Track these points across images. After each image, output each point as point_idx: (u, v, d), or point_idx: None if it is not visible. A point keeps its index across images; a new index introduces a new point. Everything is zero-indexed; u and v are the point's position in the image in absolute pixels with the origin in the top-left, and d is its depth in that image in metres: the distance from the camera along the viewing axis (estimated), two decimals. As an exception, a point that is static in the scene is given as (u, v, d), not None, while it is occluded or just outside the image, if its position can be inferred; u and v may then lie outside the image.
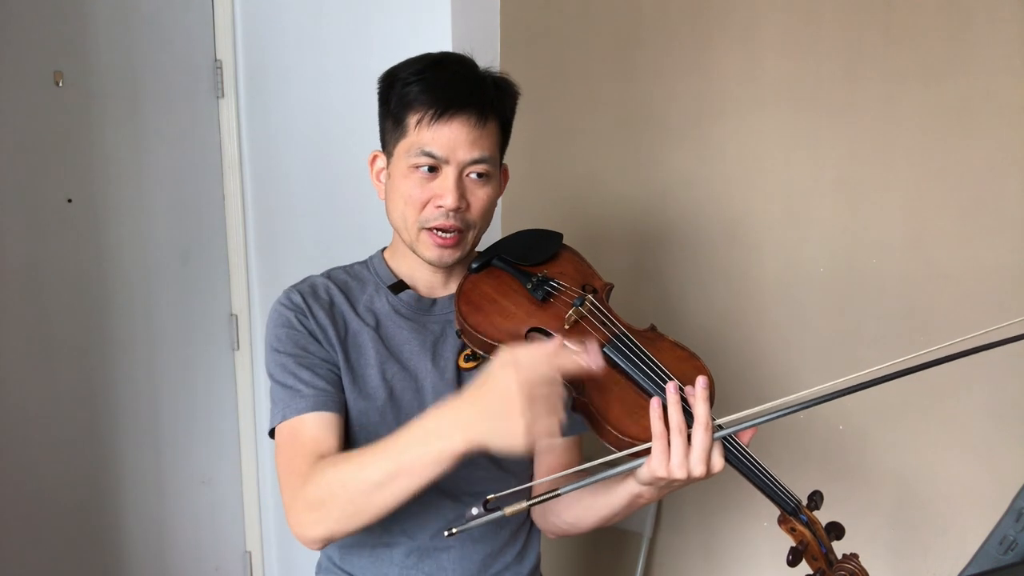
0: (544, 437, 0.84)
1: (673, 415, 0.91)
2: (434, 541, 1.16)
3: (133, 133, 1.93)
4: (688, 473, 0.90)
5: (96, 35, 1.84)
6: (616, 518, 1.09)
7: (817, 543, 0.95)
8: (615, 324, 1.05)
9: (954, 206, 1.36)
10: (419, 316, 1.18)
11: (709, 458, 0.91)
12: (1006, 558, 0.80)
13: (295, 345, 1.11)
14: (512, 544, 1.23)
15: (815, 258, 1.51)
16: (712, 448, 0.92)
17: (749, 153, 1.56)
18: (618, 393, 0.97)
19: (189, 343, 2.07)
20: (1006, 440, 1.35)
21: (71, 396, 1.83)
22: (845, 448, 1.50)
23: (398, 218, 1.13)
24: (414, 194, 1.09)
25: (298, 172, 2.06)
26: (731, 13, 1.55)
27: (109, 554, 1.93)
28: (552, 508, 1.16)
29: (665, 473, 0.91)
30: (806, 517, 0.96)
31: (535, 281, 1.12)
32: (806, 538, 0.95)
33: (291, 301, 1.14)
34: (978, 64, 1.32)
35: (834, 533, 0.98)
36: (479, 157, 1.09)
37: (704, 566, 1.71)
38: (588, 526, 1.13)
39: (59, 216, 1.78)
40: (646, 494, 0.99)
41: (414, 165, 1.09)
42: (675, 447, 0.90)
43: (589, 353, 0.94)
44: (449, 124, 1.07)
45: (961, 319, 1.37)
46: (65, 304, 1.80)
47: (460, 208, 1.09)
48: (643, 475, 0.94)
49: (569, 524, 1.16)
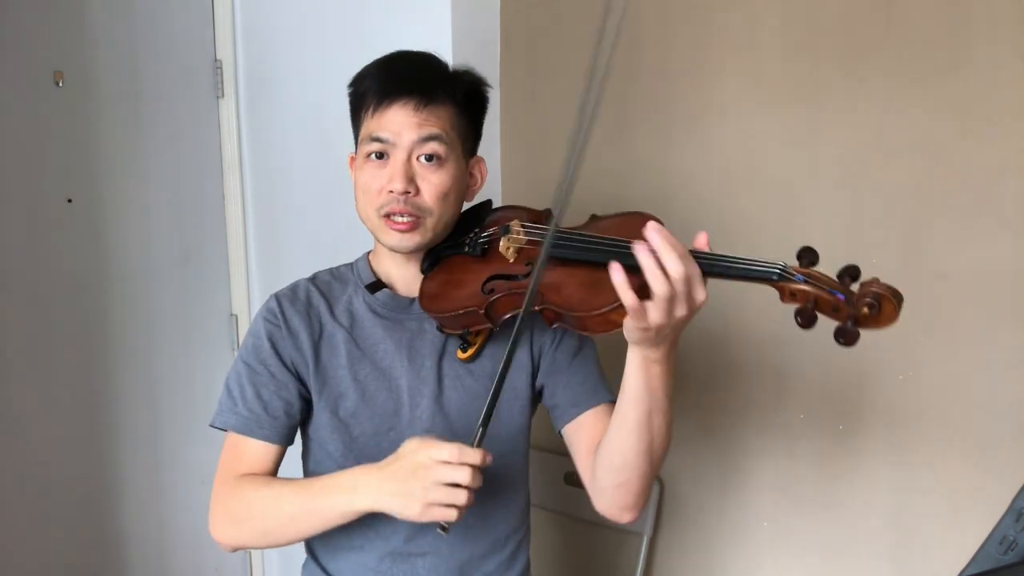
0: (438, 519, 0.95)
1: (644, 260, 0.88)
2: (408, 545, 1.16)
3: (133, 133, 1.93)
4: (668, 307, 0.87)
5: (96, 35, 1.84)
6: (654, 419, 1.00)
7: (828, 293, 0.86)
8: (548, 231, 1.06)
9: (954, 206, 1.36)
10: (395, 315, 1.19)
11: (688, 288, 0.87)
12: (1006, 558, 0.80)
13: (256, 358, 1.16)
14: (495, 553, 1.21)
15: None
16: (686, 276, 0.87)
17: (749, 153, 1.56)
18: (576, 282, 1.00)
19: (189, 343, 2.07)
20: (1006, 440, 1.35)
21: (71, 396, 1.83)
22: (845, 448, 1.50)
23: (361, 209, 1.16)
24: (370, 183, 1.12)
25: (298, 172, 2.06)
26: (731, 13, 1.55)
27: (109, 554, 1.93)
28: (600, 462, 1.08)
29: (644, 322, 0.88)
30: (802, 276, 0.88)
31: (468, 243, 1.16)
32: (811, 295, 0.87)
33: (268, 310, 1.18)
34: (978, 64, 1.32)
35: (848, 276, 0.87)
36: (428, 135, 1.10)
37: (704, 566, 1.71)
38: (635, 454, 1.02)
39: (59, 216, 1.78)
40: (650, 354, 0.94)
41: (366, 153, 1.12)
42: (657, 291, 0.87)
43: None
44: (392, 107, 1.10)
45: (961, 319, 1.37)
46: (65, 304, 1.81)
47: (408, 192, 1.10)
48: (628, 327, 0.91)
49: (619, 467, 1.05)
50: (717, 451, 1.66)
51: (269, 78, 2.07)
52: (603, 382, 1.20)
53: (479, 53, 1.83)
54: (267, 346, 1.15)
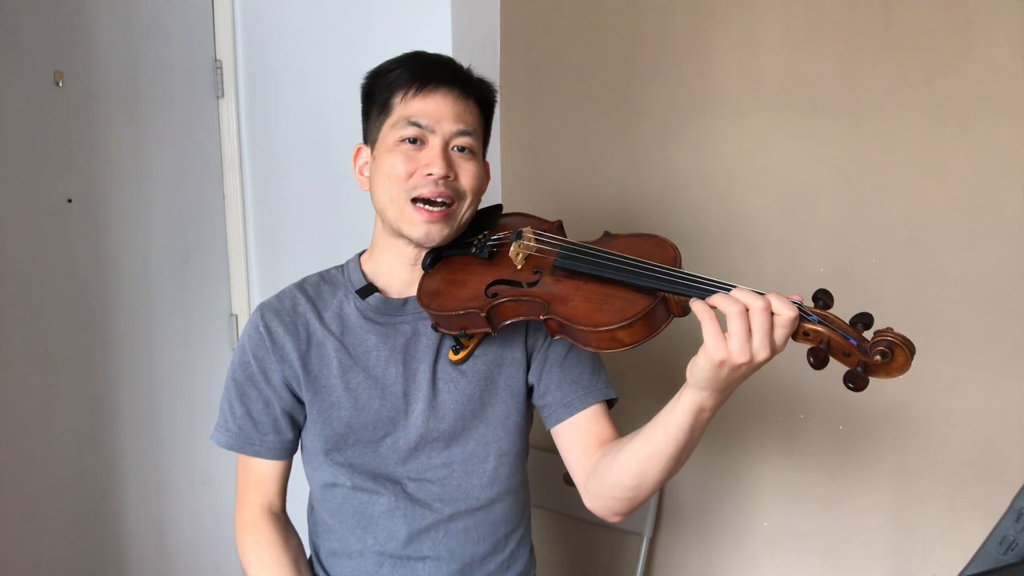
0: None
1: (721, 300, 0.86)
2: (406, 550, 1.16)
3: (133, 133, 1.93)
4: (751, 354, 0.84)
5: (96, 35, 1.84)
6: (683, 454, 0.97)
7: (842, 337, 0.86)
8: (563, 242, 1.08)
9: (954, 206, 1.36)
10: (388, 319, 1.17)
11: (772, 333, 0.85)
12: (1006, 558, 0.80)
13: (244, 375, 1.17)
14: (496, 553, 1.21)
15: (815, 258, 1.51)
16: (778, 321, 0.85)
17: (749, 153, 1.56)
18: (582, 296, 1.00)
19: (189, 343, 2.07)
20: (1006, 440, 1.35)
21: (71, 396, 1.83)
22: (845, 448, 1.50)
23: (383, 197, 1.12)
24: (399, 167, 1.10)
25: (298, 172, 2.06)
26: (731, 13, 1.55)
27: (109, 554, 1.93)
28: (609, 473, 1.05)
29: (724, 354, 0.84)
30: (816, 316, 0.88)
31: (478, 244, 1.15)
32: (824, 336, 0.87)
33: (252, 324, 1.18)
34: (978, 64, 1.32)
35: (861, 323, 0.88)
36: (464, 129, 1.11)
37: (704, 566, 1.71)
38: (654, 480, 1.00)
39: (59, 216, 1.78)
40: (706, 401, 0.91)
41: (400, 138, 1.10)
42: (733, 320, 0.84)
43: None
44: (434, 95, 1.10)
45: (961, 319, 1.37)
46: (65, 304, 1.80)
47: (449, 176, 1.10)
48: (699, 366, 0.87)
49: (632, 487, 1.03)
50: (717, 451, 1.66)
51: (269, 78, 2.07)
52: (597, 380, 1.17)
53: (479, 53, 1.83)
54: (252, 363, 1.15)
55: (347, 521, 1.18)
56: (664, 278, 0.95)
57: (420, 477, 1.15)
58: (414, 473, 1.15)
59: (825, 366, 0.87)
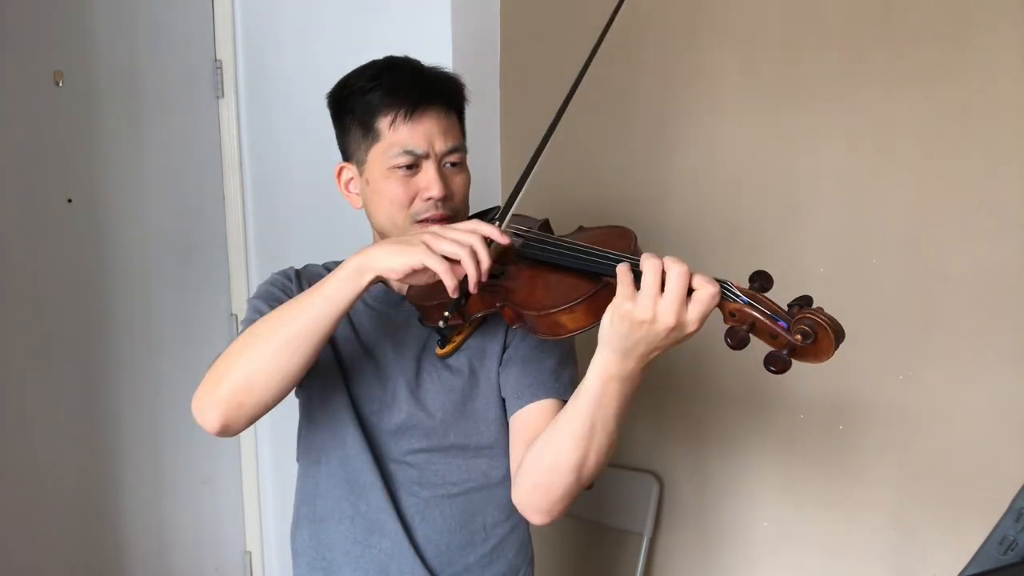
0: (439, 271, 0.93)
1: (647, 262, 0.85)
2: (395, 523, 1.16)
3: (133, 133, 1.93)
4: (655, 312, 0.83)
5: (96, 35, 1.84)
6: (594, 434, 0.95)
7: (769, 318, 0.83)
8: (524, 232, 1.09)
9: (954, 206, 1.36)
10: (387, 308, 1.21)
11: (685, 301, 0.83)
12: (1006, 558, 0.80)
13: (269, 294, 1.18)
14: (472, 547, 1.20)
15: (815, 258, 1.51)
16: (684, 282, 0.83)
17: (749, 153, 1.56)
18: (536, 284, 1.00)
19: (189, 343, 2.07)
20: (1006, 440, 1.35)
21: (71, 396, 1.83)
22: (845, 448, 1.50)
23: (385, 220, 1.16)
24: (398, 193, 1.13)
25: (298, 172, 2.06)
26: (730, 13, 1.55)
27: (109, 554, 1.93)
28: (528, 455, 1.03)
29: (629, 305, 0.84)
30: (743, 296, 0.86)
31: None
32: (749, 317, 0.85)
33: (283, 273, 1.23)
34: (978, 64, 1.32)
35: (798, 306, 0.85)
36: (454, 145, 1.14)
37: (704, 566, 1.71)
38: (567, 463, 0.98)
39: (59, 216, 1.78)
40: (611, 365, 0.90)
41: (394, 166, 1.12)
42: (647, 275, 0.84)
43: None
44: (422, 119, 1.12)
45: (961, 319, 1.37)
46: (65, 304, 1.80)
47: (446, 197, 1.13)
48: (605, 319, 0.87)
49: (547, 468, 1.00)
50: (717, 451, 1.66)
51: (269, 78, 2.07)
52: (555, 378, 1.15)
53: (479, 53, 1.83)
54: (280, 292, 1.18)
55: (341, 487, 1.19)
56: (608, 262, 0.92)
57: (401, 460, 1.18)
58: (396, 455, 1.18)
59: (743, 347, 0.84)
